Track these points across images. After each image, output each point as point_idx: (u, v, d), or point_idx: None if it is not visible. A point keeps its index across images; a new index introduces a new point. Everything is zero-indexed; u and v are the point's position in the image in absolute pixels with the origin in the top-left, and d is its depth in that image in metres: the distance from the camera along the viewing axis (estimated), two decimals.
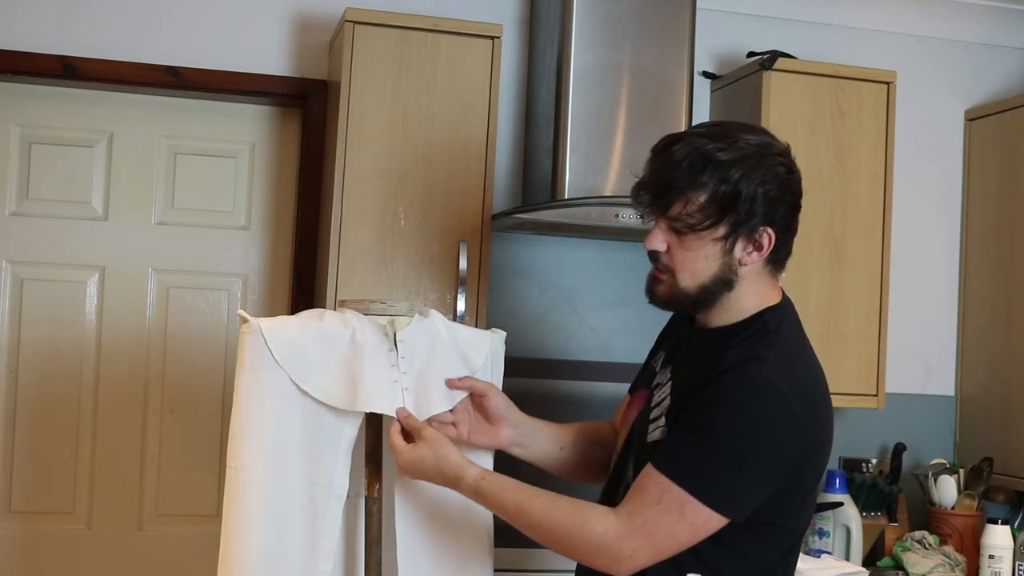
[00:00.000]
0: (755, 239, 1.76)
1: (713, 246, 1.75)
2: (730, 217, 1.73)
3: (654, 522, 1.67)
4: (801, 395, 1.71)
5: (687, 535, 1.68)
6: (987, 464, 3.35)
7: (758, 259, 1.78)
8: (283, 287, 3.25)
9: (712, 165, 1.73)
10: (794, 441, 1.70)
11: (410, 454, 1.83)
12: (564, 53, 3.02)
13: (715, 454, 1.68)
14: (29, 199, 3.15)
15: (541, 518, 1.74)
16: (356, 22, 2.85)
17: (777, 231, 1.77)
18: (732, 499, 1.68)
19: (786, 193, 1.78)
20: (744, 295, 1.80)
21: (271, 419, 1.82)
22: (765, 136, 1.81)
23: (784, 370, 1.71)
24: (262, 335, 1.81)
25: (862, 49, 3.52)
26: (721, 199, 1.73)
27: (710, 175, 1.73)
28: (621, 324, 3.32)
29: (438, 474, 1.82)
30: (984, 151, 3.58)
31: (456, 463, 1.81)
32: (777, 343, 1.75)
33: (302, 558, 1.85)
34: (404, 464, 1.84)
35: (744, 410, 1.67)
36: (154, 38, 3.10)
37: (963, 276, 3.62)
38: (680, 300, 1.81)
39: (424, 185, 2.88)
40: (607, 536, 1.69)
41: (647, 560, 1.70)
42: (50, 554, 3.11)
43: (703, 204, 1.73)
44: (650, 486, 1.69)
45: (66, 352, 3.13)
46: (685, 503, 1.66)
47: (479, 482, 1.79)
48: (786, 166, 1.80)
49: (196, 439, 3.19)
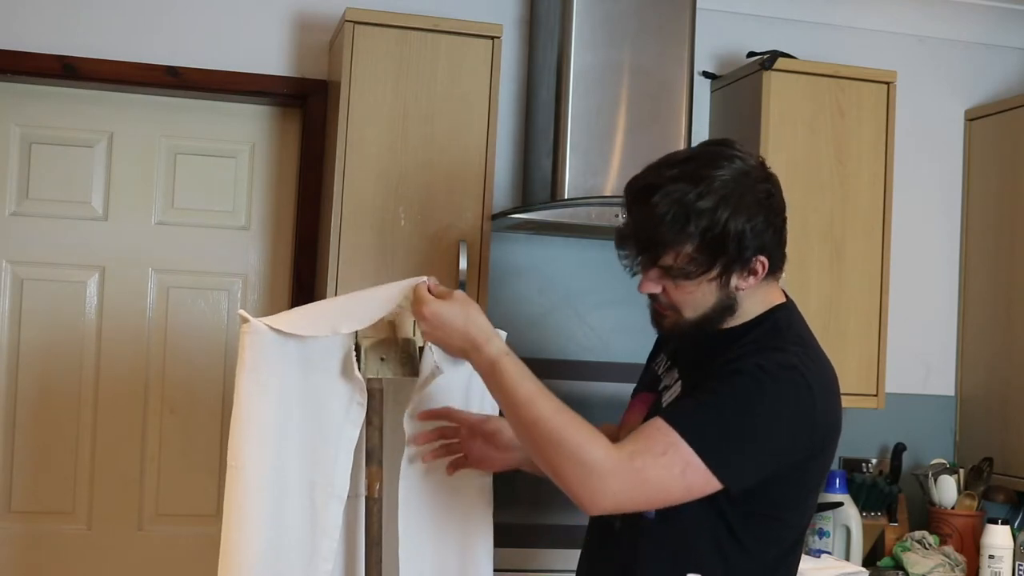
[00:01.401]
0: (750, 268, 1.77)
1: (709, 284, 1.76)
2: (722, 259, 1.73)
3: (654, 471, 1.65)
4: (821, 387, 1.73)
5: (680, 492, 1.67)
6: (987, 464, 3.35)
7: (755, 283, 1.79)
8: (283, 287, 3.25)
9: (695, 215, 1.71)
10: (808, 429, 1.71)
11: (438, 305, 1.76)
12: (564, 53, 3.02)
13: (732, 423, 1.67)
14: (29, 199, 3.15)
15: (548, 418, 1.68)
16: (356, 22, 2.85)
17: (770, 254, 1.78)
18: (736, 468, 1.68)
19: (772, 216, 1.77)
20: (747, 305, 1.81)
21: (271, 419, 1.83)
22: (738, 161, 1.76)
23: (806, 361, 1.73)
24: (268, 327, 1.81)
25: (862, 49, 3.52)
26: (710, 245, 1.72)
27: (695, 225, 1.71)
28: (621, 324, 3.31)
29: (462, 334, 1.74)
30: (984, 151, 3.58)
31: (485, 327, 1.75)
32: (792, 338, 1.77)
33: (302, 558, 1.85)
34: (429, 314, 1.76)
35: (768, 388, 1.68)
36: (154, 38, 3.10)
37: (963, 276, 3.62)
38: (687, 329, 1.81)
39: (424, 185, 2.87)
40: (601, 464, 1.64)
41: (628, 504, 1.67)
42: (50, 554, 3.11)
43: (692, 254, 1.73)
44: (658, 436, 1.67)
45: (66, 352, 3.13)
46: (689, 462, 1.65)
47: (502, 356, 1.73)
48: (765, 189, 1.77)
49: (196, 439, 3.19)
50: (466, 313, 1.75)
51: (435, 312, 1.76)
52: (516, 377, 1.72)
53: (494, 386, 1.75)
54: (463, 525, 2.02)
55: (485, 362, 1.74)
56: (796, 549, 1.85)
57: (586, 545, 1.97)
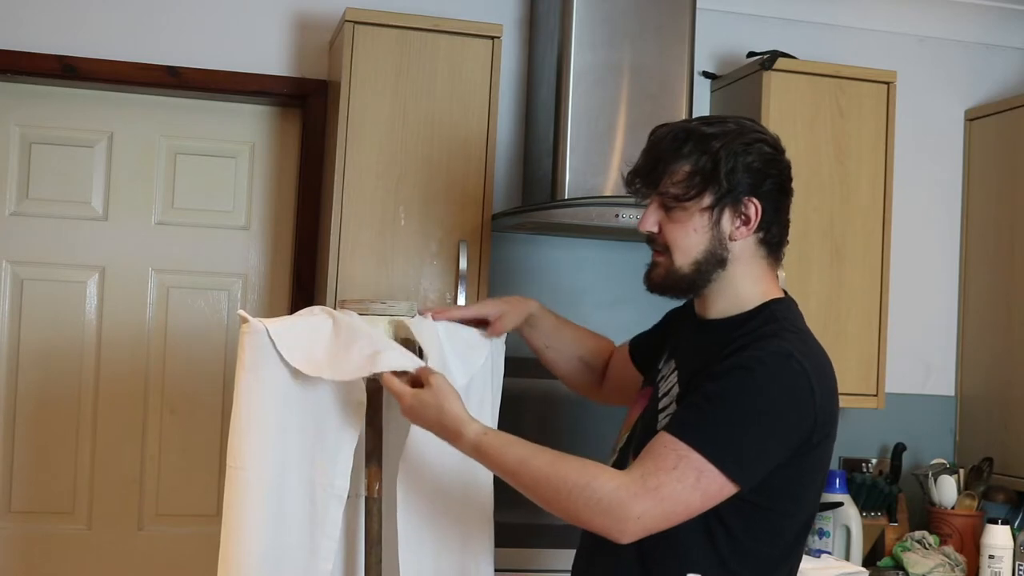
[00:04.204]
0: (741, 211, 1.79)
1: (701, 217, 1.78)
2: (714, 187, 1.77)
3: (669, 487, 1.65)
4: (818, 374, 1.73)
5: (699, 502, 1.67)
6: (987, 464, 3.35)
7: (747, 233, 1.79)
8: (283, 287, 3.25)
9: (694, 138, 1.79)
10: (809, 417, 1.71)
11: (413, 398, 1.80)
12: (564, 53, 3.02)
13: (735, 422, 1.67)
14: (29, 199, 3.15)
15: (548, 473, 1.69)
16: (356, 22, 2.85)
17: (764, 204, 1.79)
18: (747, 466, 1.68)
19: (771, 168, 1.81)
20: (740, 280, 1.82)
21: (271, 419, 1.83)
22: (756, 124, 1.85)
23: (802, 349, 1.73)
24: (269, 337, 1.81)
25: (862, 49, 3.52)
26: (703, 169, 1.77)
27: (691, 147, 1.78)
28: (621, 324, 3.29)
29: (439, 425, 1.79)
30: (984, 151, 3.58)
31: (458, 416, 1.78)
32: (788, 327, 1.77)
33: (302, 558, 1.85)
34: (406, 408, 1.81)
35: (764, 380, 1.68)
36: (154, 38, 3.10)
37: (963, 276, 3.62)
38: (676, 280, 1.82)
39: (424, 185, 2.88)
40: (617, 494, 1.65)
41: (654, 525, 1.67)
42: (50, 554, 3.11)
43: (687, 174, 1.78)
44: (666, 452, 1.67)
45: (66, 352, 3.13)
46: (703, 470, 1.65)
47: (481, 438, 1.75)
48: (772, 147, 1.82)
49: (196, 439, 3.19)
50: (439, 405, 1.79)
51: (410, 406, 1.81)
52: (501, 449, 1.74)
53: (487, 465, 1.77)
54: (463, 525, 2.02)
55: (468, 448, 1.77)
56: (795, 550, 1.83)
57: (581, 544, 1.96)
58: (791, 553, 1.83)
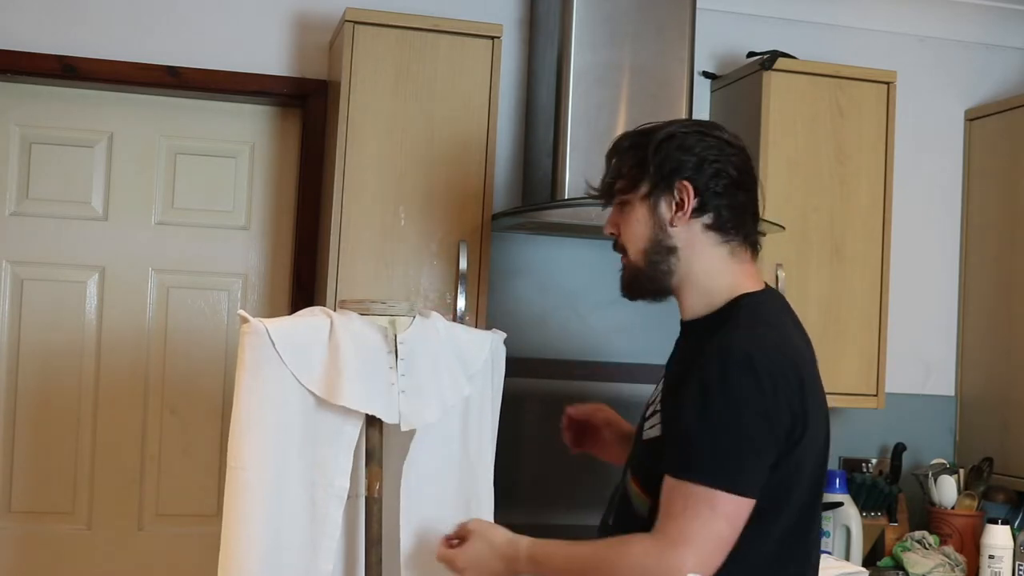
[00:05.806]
0: (674, 195, 1.81)
1: (641, 207, 1.83)
2: (647, 174, 1.82)
3: (689, 528, 1.66)
4: (776, 369, 1.70)
5: (727, 529, 1.67)
6: (987, 464, 3.35)
7: (685, 218, 1.81)
8: (283, 287, 3.25)
9: (637, 137, 1.86)
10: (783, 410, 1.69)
11: (467, 554, 1.85)
12: (564, 53, 3.02)
13: (718, 441, 1.67)
14: (29, 199, 3.15)
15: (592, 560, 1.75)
16: (356, 22, 2.85)
17: (700, 188, 1.80)
18: (751, 475, 1.68)
19: (710, 153, 1.82)
20: (702, 274, 1.83)
21: (271, 419, 1.82)
22: (709, 123, 1.90)
23: (753, 341, 1.71)
24: (269, 337, 1.81)
25: (862, 49, 3.52)
26: (638, 159, 1.83)
27: (632, 143, 1.86)
28: (621, 324, 3.31)
29: (499, 558, 1.84)
30: (984, 151, 3.58)
31: (507, 541, 1.84)
32: (744, 324, 1.76)
33: (302, 558, 1.85)
34: (464, 565, 1.85)
35: (727, 389, 1.68)
36: (154, 38, 3.10)
37: (963, 276, 3.62)
38: (636, 276, 1.88)
39: (424, 185, 2.88)
40: (648, 554, 1.68)
41: (703, 567, 1.67)
42: (50, 554, 3.11)
43: (629, 169, 1.85)
44: (673, 498, 1.69)
45: (66, 352, 3.13)
46: (713, 498, 1.66)
47: (533, 550, 1.81)
48: (717, 139, 1.84)
49: (196, 439, 3.19)
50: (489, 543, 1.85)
51: (468, 561, 1.85)
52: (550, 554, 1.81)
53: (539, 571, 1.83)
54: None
55: (525, 566, 1.83)
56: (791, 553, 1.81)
57: None
58: (784, 555, 1.80)
